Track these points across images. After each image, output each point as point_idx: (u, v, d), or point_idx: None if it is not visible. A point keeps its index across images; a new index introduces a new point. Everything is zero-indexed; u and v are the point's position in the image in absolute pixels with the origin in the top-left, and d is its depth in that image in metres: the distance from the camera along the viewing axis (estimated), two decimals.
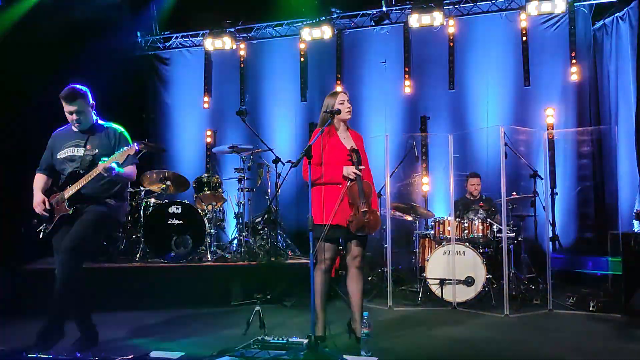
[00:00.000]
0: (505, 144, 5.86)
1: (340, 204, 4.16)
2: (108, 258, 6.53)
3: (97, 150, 4.13)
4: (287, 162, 7.05)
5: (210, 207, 7.16)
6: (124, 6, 8.75)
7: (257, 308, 4.62)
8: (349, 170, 4.17)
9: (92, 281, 5.84)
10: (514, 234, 6.39)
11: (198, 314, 5.58)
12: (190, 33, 9.93)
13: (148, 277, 6.10)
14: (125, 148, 3.94)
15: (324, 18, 9.00)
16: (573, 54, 8.16)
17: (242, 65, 9.84)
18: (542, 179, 6.64)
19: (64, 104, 4.17)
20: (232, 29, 9.53)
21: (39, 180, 4.30)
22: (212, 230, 6.97)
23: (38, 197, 4.14)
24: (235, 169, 7.26)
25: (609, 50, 7.95)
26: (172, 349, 4.16)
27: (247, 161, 7.27)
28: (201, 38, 9.79)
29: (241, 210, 7.14)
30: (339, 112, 4.32)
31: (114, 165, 3.88)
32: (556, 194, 7.69)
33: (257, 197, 7.90)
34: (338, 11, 9.07)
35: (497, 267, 6.23)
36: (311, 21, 9.05)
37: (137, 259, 6.57)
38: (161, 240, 6.57)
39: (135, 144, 4.05)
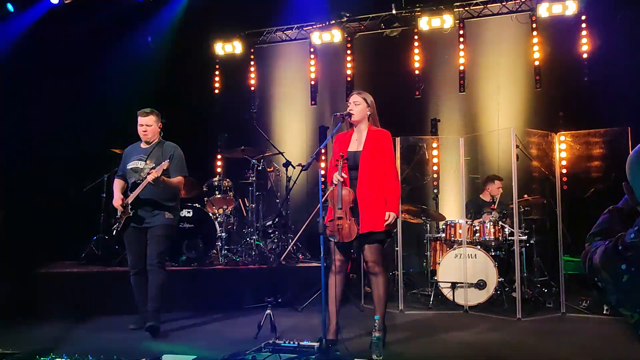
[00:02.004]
0: (517, 147, 5.83)
1: (327, 206, 4.20)
2: (120, 261, 6.55)
3: (154, 164, 4.88)
4: (297, 165, 7.07)
5: (221, 211, 7.18)
6: (135, 11, 8.81)
7: (268, 311, 4.62)
8: (333, 175, 4.19)
9: (104, 284, 5.93)
10: (525, 236, 6.34)
11: (209, 317, 5.59)
12: (201, 38, 9.96)
13: None
14: (163, 163, 4.74)
15: (333, 22, 9.01)
16: (585, 56, 8.10)
17: (252, 69, 9.87)
18: (554, 181, 6.59)
19: (139, 117, 5.06)
20: (242, 33, 9.56)
21: (118, 183, 5.15)
22: (222, 234, 6.98)
23: (117, 195, 5.01)
24: (245, 172, 7.28)
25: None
26: (184, 352, 4.18)
27: (258, 165, 7.28)
28: (212, 43, 9.82)
29: (251, 214, 7.15)
30: (349, 115, 4.33)
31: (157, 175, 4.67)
32: (568, 196, 7.63)
33: (267, 200, 7.91)
34: (348, 14, 9.08)
35: (509, 270, 6.19)
36: (321, 25, 9.05)
37: None
38: (172, 243, 6.58)
39: (167, 161, 4.78)
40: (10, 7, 7.69)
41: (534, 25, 8.42)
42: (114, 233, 5.08)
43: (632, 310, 1.65)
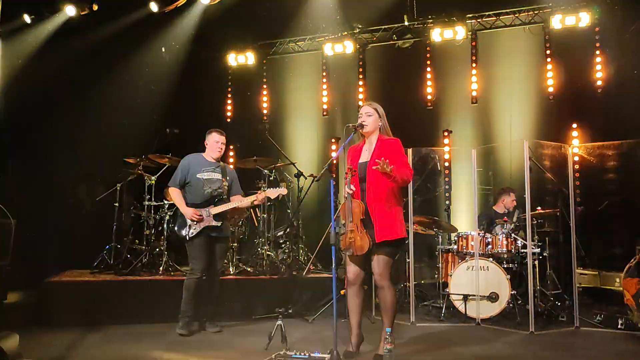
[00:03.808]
0: (530, 158, 5.80)
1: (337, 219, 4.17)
2: (131, 271, 6.58)
3: (228, 179, 5.51)
4: (308, 176, 7.07)
5: (232, 221, 7.18)
6: (149, 22, 8.90)
7: (279, 322, 4.61)
8: (345, 189, 4.17)
9: (116, 293, 5.95)
10: (538, 249, 6.29)
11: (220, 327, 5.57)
12: (214, 49, 10.05)
13: (171, 290, 6.12)
14: (280, 190, 5.54)
15: (345, 33, 9.05)
16: (598, 67, 8.07)
17: (264, 80, 9.93)
18: (567, 193, 6.54)
19: (216, 134, 5.51)
20: (255, 44, 9.63)
21: (179, 194, 5.44)
22: (234, 244, 6.98)
23: (189, 209, 5.30)
24: (257, 182, 7.29)
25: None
26: None
27: (269, 175, 7.30)
28: (224, 54, 9.90)
29: (263, 224, 7.16)
30: (361, 126, 4.32)
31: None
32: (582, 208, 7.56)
33: (278, 211, 7.91)
34: (360, 26, 9.12)
35: (521, 283, 6.14)
36: (333, 36, 9.10)
37: (160, 272, 6.61)
38: (184, 253, 6.60)
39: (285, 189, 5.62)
40: (27, 18, 7.81)
41: (547, 37, 8.40)
42: (187, 238, 5.32)
43: None
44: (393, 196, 4.23)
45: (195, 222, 5.28)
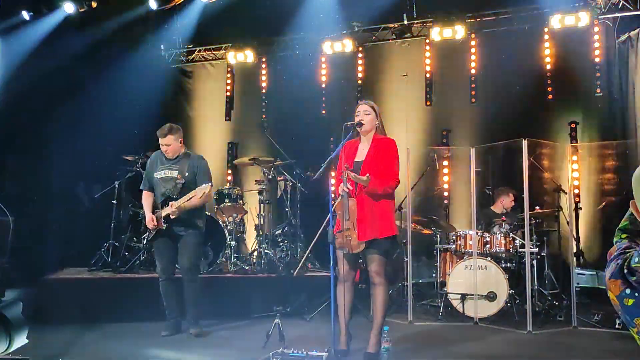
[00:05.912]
0: (528, 158, 5.80)
1: (334, 217, 4.15)
2: (129, 268, 6.57)
3: (187, 175, 5.13)
4: (307, 174, 7.07)
5: (230, 219, 7.18)
6: (149, 20, 8.89)
7: (277, 320, 4.61)
8: (339, 187, 4.16)
9: (114, 291, 5.95)
10: (537, 249, 6.29)
11: (218, 326, 5.58)
12: (213, 47, 10.04)
13: None
14: (200, 189, 4.93)
15: (345, 32, 9.04)
16: (597, 67, 8.06)
17: (263, 78, 9.92)
18: (565, 193, 6.54)
19: (159, 137, 5.18)
20: (254, 43, 9.62)
21: (148, 197, 5.33)
22: (232, 242, 6.98)
23: (148, 216, 5.18)
24: (256, 181, 7.29)
25: (634, 63, 7.83)
26: None
27: (268, 173, 7.29)
28: (224, 51, 9.89)
29: (261, 222, 7.15)
30: (359, 125, 4.31)
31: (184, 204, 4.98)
32: (580, 208, 7.56)
33: (277, 209, 7.91)
34: (359, 25, 9.10)
35: (519, 282, 6.14)
36: (333, 35, 9.09)
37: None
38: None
39: (205, 184, 4.99)
40: (26, 15, 7.80)
41: (546, 36, 8.39)
42: (144, 242, 5.38)
43: (638, 335, 1.61)
44: (386, 195, 4.26)
45: (151, 228, 5.21)
